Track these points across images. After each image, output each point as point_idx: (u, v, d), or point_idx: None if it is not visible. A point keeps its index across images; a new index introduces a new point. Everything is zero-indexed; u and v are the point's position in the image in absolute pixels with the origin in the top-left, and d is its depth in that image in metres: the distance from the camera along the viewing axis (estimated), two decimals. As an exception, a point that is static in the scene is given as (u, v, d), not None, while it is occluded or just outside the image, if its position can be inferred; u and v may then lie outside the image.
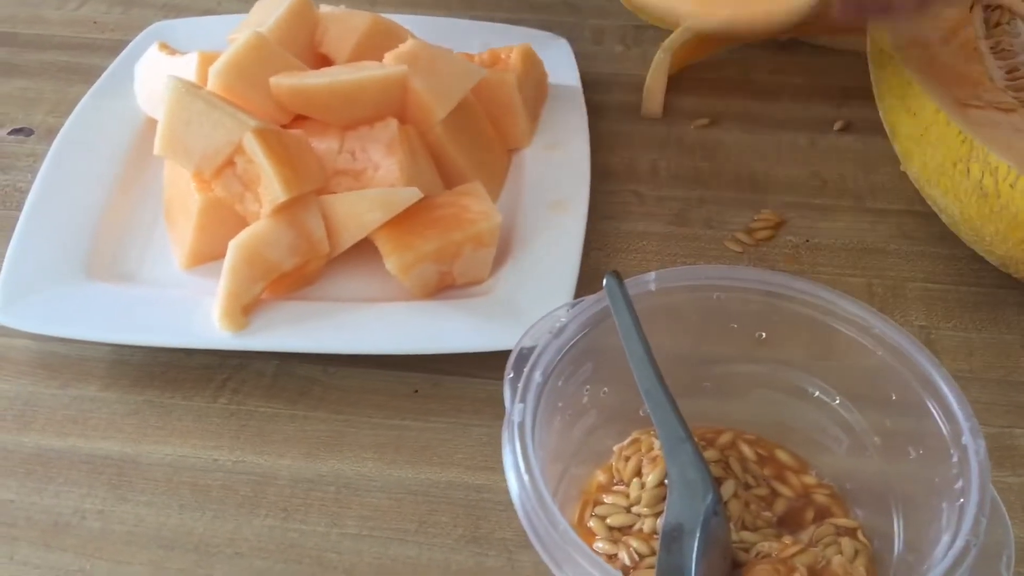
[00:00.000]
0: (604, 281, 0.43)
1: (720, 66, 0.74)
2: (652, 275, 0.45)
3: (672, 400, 0.41)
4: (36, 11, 0.80)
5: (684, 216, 0.62)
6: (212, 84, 0.56)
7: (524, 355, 0.43)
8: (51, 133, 0.67)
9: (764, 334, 0.46)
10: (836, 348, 0.44)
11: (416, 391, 0.52)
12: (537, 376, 0.41)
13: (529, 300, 0.53)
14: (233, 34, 0.62)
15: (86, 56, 0.75)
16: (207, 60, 0.60)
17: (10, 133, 0.68)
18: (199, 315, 0.53)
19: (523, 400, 0.40)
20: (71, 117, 0.64)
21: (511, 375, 0.42)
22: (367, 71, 0.57)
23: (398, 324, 0.53)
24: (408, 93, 0.57)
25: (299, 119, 0.58)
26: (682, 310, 0.45)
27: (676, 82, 0.71)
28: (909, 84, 0.55)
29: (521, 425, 0.39)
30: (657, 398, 0.41)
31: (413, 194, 0.54)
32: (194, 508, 0.47)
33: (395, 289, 0.55)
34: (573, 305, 0.44)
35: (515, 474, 0.38)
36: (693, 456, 0.40)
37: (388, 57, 0.58)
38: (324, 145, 0.57)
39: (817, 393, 0.46)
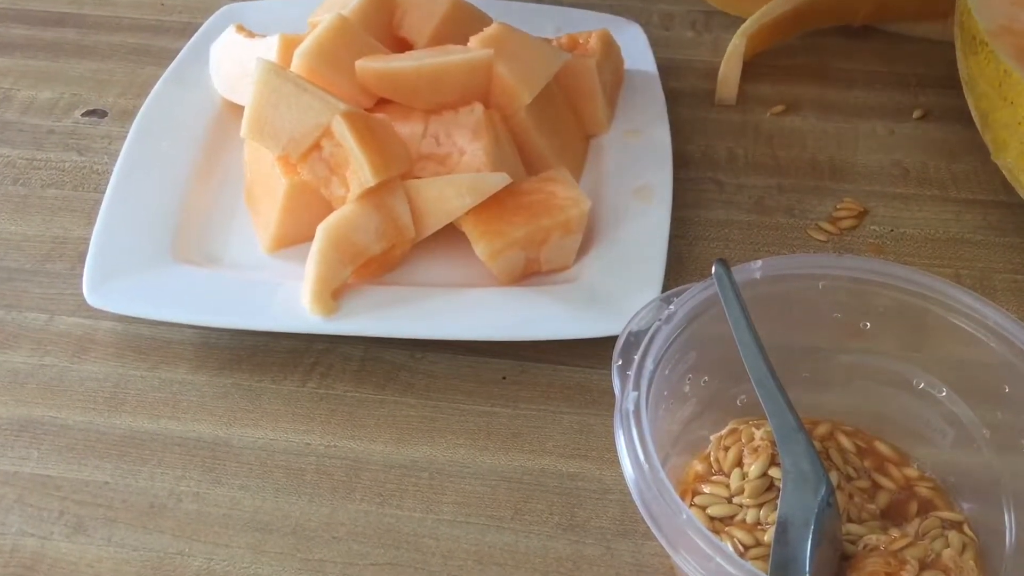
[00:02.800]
0: (713, 269, 0.42)
1: (793, 53, 0.73)
2: (758, 263, 0.44)
3: (784, 391, 0.41)
4: (103, -7, 0.80)
5: (764, 204, 0.62)
6: (296, 66, 0.56)
7: (630, 342, 0.42)
8: (124, 115, 0.67)
9: (868, 324, 0.45)
10: (945, 339, 0.44)
11: (504, 377, 0.52)
12: (649, 363, 0.40)
13: (617, 288, 0.53)
14: (314, 17, 0.61)
15: (155, 38, 0.75)
16: (289, 43, 0.59)
17: (84, 115, 0.68)
18: (286, 299, 0.53)
19: (636, 388, 0.39)
20: (148, 100, 0.64)
21: (619, 362, 0.42)
22: (453, 55, 0.56)
23: (486, 310, 0.52)
24: (493, 77, 0.57)
25: (381, 103, 0.58)
26: (786, 299, 0.45)
27: (749, 69, 0.70)
28: (1006, 73, 0.54)
29: (636, 413, 0.39)
30: (769, 388, 0.41)
31: (502, 179, 0.54)
32: (289, 492, 0.47)
33: (478, 274, 0.55)
34: (679, 293, 0.44)
35: (632, 461, 0.38)
36: (806, 447, 0.40)
37: (473, 41, 0.58)
38: (408, 129, 0.56)
39: (922, 385, 0.45)
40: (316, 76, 0.55)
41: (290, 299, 0.52)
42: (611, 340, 0.49)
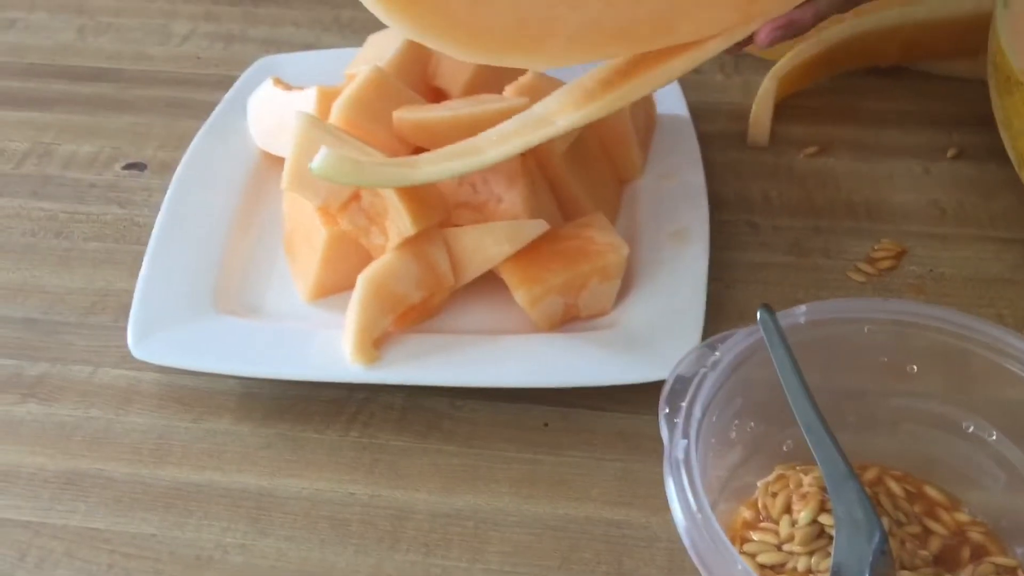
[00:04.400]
0: (758, 314, 0.42)
1: (824, 93, 0.74)
2: (803, 308, 0.44)
3: (833, 436, 0.40)
4: (140, 48, 0.81)
5: (801, 246, 0.62)
6: (335, 118, 0.57)
7: (676, 389, 0.42)
8: (164, 167, 0.68)
9: (915, 367, 0.45)
10: (993, 381, 0.43)
11: (546, 424, 0.52)
12: (697, 411, 0.40)
13: (657, 333, 0.53)
14: (350, 69, 0.63)
15: (191, 91, 0.76)
16: (326, 95, 0.60)
17: (124, 168, 0.69)
18: (327, 348, 0.53)
19: (686, 436, 0.39)
20: (188, 153, 0.65)
21: (666, 410, 0.42)
22: (488, 104, 0.57)
23: (526, 357, 0.52)
24: (530, 127, 0.57)
25: (418, 152, 0.58)
26: (831, 343, 0.45)
27: (780, 110, 0.70)
28: (1043, 111, 0.54)
29: (686, 460, 0.38)
30: (819, 434, 0.40)
31: (540, 226, 0.54)
32: (335, 543, 0.47)
33: (516, 320, 0.55)
34: (724, 339, 0.44)
35: (683, 510, 0.37)
36: (859, 494, 0.40)
37: (509, 90, 0.58)
38: (445, 178, 0.57)
39: (971, 428, 0.45)
40: (354, 127, 0.56)
41: (331, 348, 0.53)
42: (652, 385, 0.49)
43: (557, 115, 0.50)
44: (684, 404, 0.41)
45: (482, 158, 0.50)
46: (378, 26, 0.67)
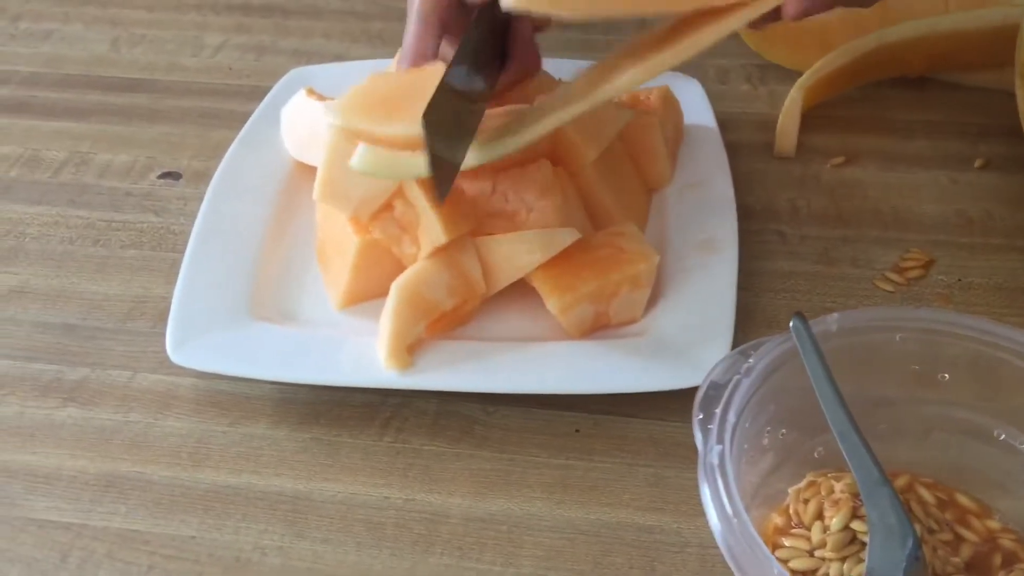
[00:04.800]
0: (791, 323, 0.43)
1: (850, 104, 0.74)
2: (835, 316, 0.45)
3: (867, 443, 0.41)
4: (173, 59, 0.83)
5: (829, 255, 0.62)
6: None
7: (710, 396, 0.43)
8: (198, 176, 0.70)
9: (947, 375, 0.45)
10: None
11: (577, 430, 0.53)
12: (731, 416, 0.41)
13: (687, 340, 0.54)
14: (381, 80, 0.63)
15: (224, 101, 0.77)
16: (359, 106, 0.61)
17: (159, 177, 0.70)
18: (361, 354, 0.54)
19: (720, 441, 0.40)
20: (222, 163, 0.66)
21: (700, 416, 0.42)
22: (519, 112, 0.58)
23: (559, 364, 0.53)
24: (559, 135, 0.58)
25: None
26: (863, 351, 0.45)
27: (807, 121, 0.71)
28: (1072, 122, 0.55)
29: (721, 466, 0.39)
30: (852, 441, 0.41)
31: (571, 235, 0.55)
32: (371, 546, 0.48)
33: (547, 328, 0.56)
34: (756, 346, 0.44)
35: (719, 515, 0.38)
36: (892, 500, 0.40)
37: (539, 100, 0.59)
38: (477, 187, 0.57)
39: (1003, 435, 0.45)
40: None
41: (365, 354, 0.54)
42: (682, 392, 0.50)
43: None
44: (718, 410, 0.41)
45: (523, 135, 0.50)
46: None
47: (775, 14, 0.48)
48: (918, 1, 0.72)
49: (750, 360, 0.43)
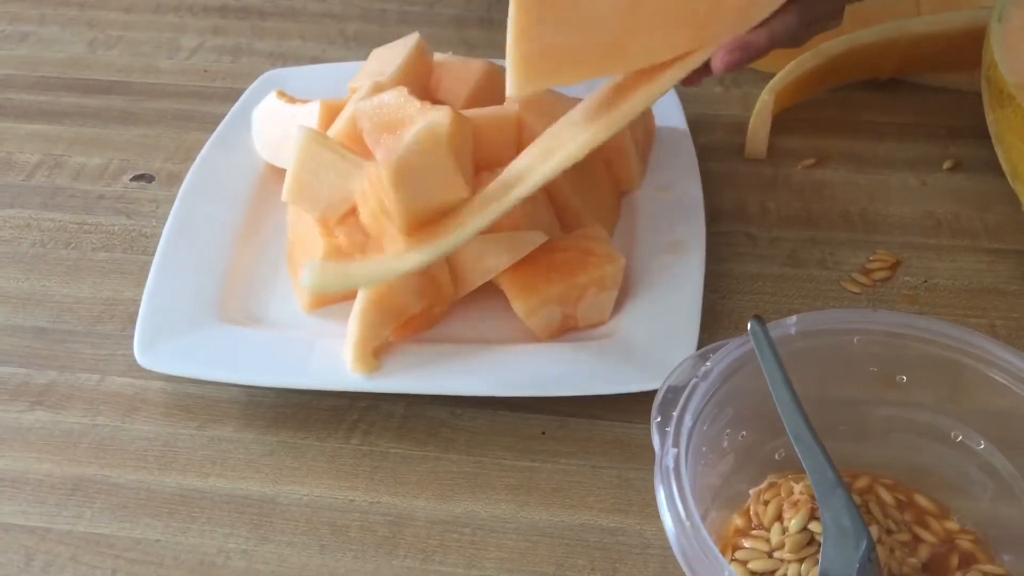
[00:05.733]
0: (749, 326, 0.43)
1: (821, 106, 0.74)
2: (793, 319, 0.45)
3: (822, 445, 0.41)
4: (149, 61, 0.83)
5: (797, 257, 0.63)
6: (336, 133, 0.58)
7: (668, 399, 0.43)
8: (171, 179, 0.70)
9: (905, 378, 0.46)
10: (981, 392, 0.44)
11: (543, 432, 0.53)
12: (688, 419, 0.41)
13: (653, 343, 0.54)
14: (354, 82, 0.64)
15: (199, 104, 0.78)
16: (329, 109, 0.61)
17: (132, 180, 0.70)
18: (329, 357, 0.54)
19: (676, 444, 0.40)
20: (194, 165, 0.66)
21: (658, 419, 0.42)
22: (482, 111, 0.58)
23: (525, 367, 0.53)
24: (526, 137, 0.58)
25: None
26: (822, 354, 0.45)
27: (778, 123, 0.71)
28: (1034, 125, 0.55)
29: (676, 469, 0.39)
30: (807, 443, 0.41)
31: (539, 238, 0.55)
32: (335, 548, 0.48)
33: (515, 330, 0.56)
34: (715, 349, 0.44)
35: (673, 518, 0.38)
36: (846, 502, 0.40)
37: (508, 103, 0.59)
38: (446, 190, 0.58)
39: (960, 438, 0.46)
40: (355, 142, 0.57)
41: (332, 357, 0.54)
42: (648, 394, 0.50)
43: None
44: (675, 413, 0.41)
45: (465, 230, 0.51)
46: (382, 40, 0.69)
47: (706, 69, 0.50)
48: (889, 4, 0.72)
49: (708, 363, 0.43)
